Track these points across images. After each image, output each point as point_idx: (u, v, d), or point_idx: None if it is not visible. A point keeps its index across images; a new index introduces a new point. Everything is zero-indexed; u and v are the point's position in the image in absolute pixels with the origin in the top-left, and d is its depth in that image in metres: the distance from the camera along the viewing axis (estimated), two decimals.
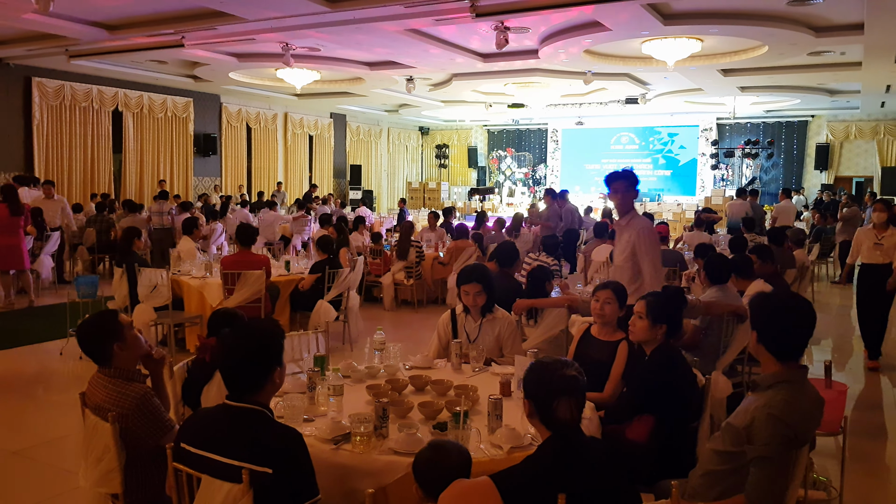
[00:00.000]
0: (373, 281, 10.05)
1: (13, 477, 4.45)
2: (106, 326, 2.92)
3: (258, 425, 2.33)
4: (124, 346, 2.91)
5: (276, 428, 2.37)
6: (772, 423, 2.42)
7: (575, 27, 10.69)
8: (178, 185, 17.17)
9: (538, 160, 24.78)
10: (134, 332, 3.00)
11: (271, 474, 2.20)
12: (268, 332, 2.45)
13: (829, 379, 3.91)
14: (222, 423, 2.35)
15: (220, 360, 2.48)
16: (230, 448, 2.27)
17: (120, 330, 2.92)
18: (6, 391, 6.10)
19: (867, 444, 5.21)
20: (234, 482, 2.21)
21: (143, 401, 2.82)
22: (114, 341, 2.89)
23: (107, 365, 2.90)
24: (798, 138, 21.21)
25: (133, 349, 2.96)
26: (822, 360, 5.78)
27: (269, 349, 2.42)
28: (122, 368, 2.91)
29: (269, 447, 2.25)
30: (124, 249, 7.25)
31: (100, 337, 2.91)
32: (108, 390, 2.85)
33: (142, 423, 2.80)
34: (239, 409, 2.36)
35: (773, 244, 8.59)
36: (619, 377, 3.73)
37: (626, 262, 4.72)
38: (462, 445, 2.42)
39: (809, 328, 2.57)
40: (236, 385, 2.38)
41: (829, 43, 11.15)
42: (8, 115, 13.74)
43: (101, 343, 2.90)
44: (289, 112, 20.42)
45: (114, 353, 2.89)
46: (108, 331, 2.91)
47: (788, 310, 2.58)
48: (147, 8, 9.89)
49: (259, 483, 2.19)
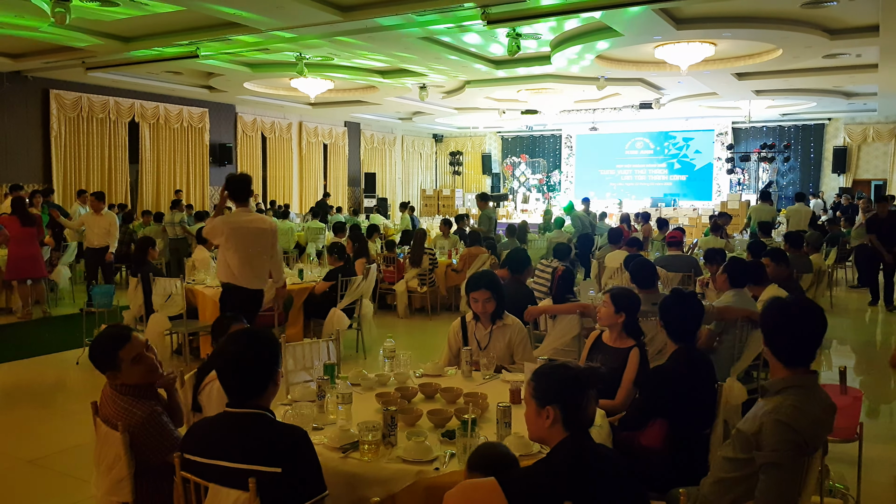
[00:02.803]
0: (386, 288, 10.06)
1: (29, 485, 4.49)
2: (115, 342, 2.90)
3: (263, 428, 2.37)
4: (134, 363, 2.89)
5: (281, 428, 2.41)
6: (780, 429, 2.38)
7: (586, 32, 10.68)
8: (194, 194, 17.30)
9: (552, 166, 24.72)
10: (145, 352, 2.95)
11: (281, 473, 2.23)
12: (265, 338, 2.49)
13: (844, 385, 3.85)
14: (227, 430, 2.37)
15: (220, 369, 2.49)
16: (238, 453, 2.29)
17: (127, 347, 2.90)
18: (23, 400, 6.16)
19: (885, 450, 5.13)
20: (243, 489, 2.21)
21: (149, 419, 2.82)
22: (122, 359, 2.87)
23: (116, 380, 2.90)
24: (815, 141, 21.01)
25: (143, 368, 2.93)
26: (839, 366, 5.70)
27: (269, 354, 2.45)
28: (133, 385, 2.90)
29: (277, 447, 2.29)
30: (139, 259, 7.30)
31: (108, 352, 2.89)
32: (118, 406, 2.86)
33: (148, 441, 2.81)
34: (242, 414, 2.38)
35: (790, 248, 8.54)
36: (630, 384, 3.70)
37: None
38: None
39: (817, 334, 2.53)
40: (239, 391, 2.40)
41: (845, 45, 11.04)
42: (26, 126, 13.92)
43: (109, 358, 2.89)
44: (303, 121, 20.53)
45: (122, 370, 2.88)
46: (116, 346, 2.89)
47: (795, 315, 2.54)
48: (162, 19, 10.00)
49: (270, 484, 2.22)
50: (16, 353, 7.59)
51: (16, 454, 4.92)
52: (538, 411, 2.27)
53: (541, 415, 2.26)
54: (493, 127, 24.83)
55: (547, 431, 2.26)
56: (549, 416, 2.24)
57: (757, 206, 13.76)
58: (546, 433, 2.27)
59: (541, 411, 2.27)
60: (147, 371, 2.95)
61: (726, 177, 21.41)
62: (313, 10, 8.73)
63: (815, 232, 11.21)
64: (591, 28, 10.46)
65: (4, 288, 9.72)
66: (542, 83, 14.72)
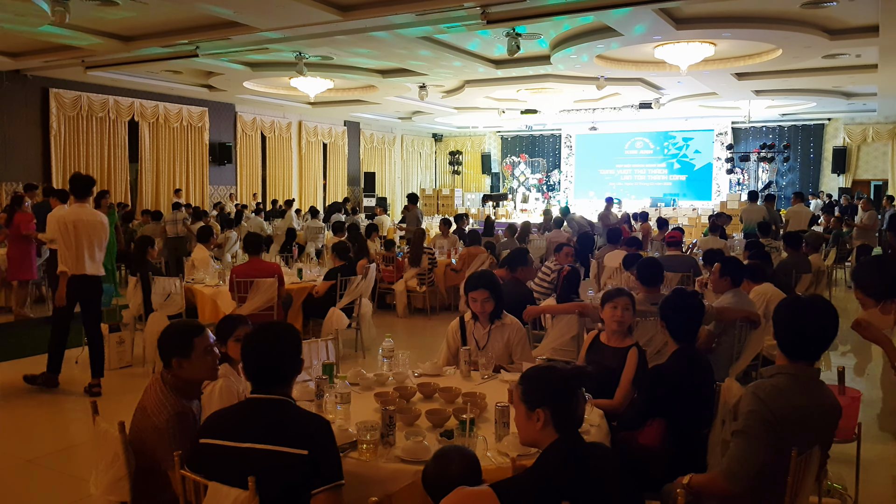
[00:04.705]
0: (385, 288, 10.06)
1: (27, 485, 4.49)
2: (193, 329, 2.95)
3: (289, 412, 2.47)
4: (205, 353, 2.93)
5: (305, 413, 2.53)
6: (752, 400, 2.49)
7: (587, 32, 10.69)
8: (193, 194, 17.31)
9: (552, 166, 24.73)
10: (206, 355, 2.95)
11: (306, 455, 2.32)
12: (290, 329, 2.63)
13: (843, 385, 3.86)
14: (253, 414, 2.46)
15: (248, 359, 2.54)
16: (264, 435, 2.37)
17: (204, 335, 2.95)
18: (21, 400, 6.15)
19: (884, 450, 5.14)
20: (266, 469, 2.30)
21: (175, 421, 2.76)
22: (196, 346, 2.90)
23: (179, 369, 2.89)
24: (814, 142, 21.03)
25: (211, 360, 2.97)
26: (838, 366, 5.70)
27: (296, 344, 2.59)
28: (185, 380, 2.91)
29: (303, 430, 2.38)
30: (138, 258, 7.30)
31: (185, 336, 2.91)
32: (157, 397, 2.84)
33: (164, 444, 2.73)
34: (268, 399, 2.47)
35: (789, 248, 8.54)
36: (629, 383, 3.70)
37: None
38: (467, 450, 2.42)
39: (825, 333, 2.57)
40: (267, 380, 2.50)
41: (844, 45, 11.05)
42: (26, 125, 13.92)
43: (184, 343, 2.90)
44: (303, 120, 20.53)
45: (191, 359, 2.89)
46: (194, 333, 2.93)
47: (804, 311, 2.58)
48: (161, 18, 10.00)
49: (294, 466, 2.31)
50: (15, 352, 7.58)
51: (15, 453, 4.92)
52: (528, 414, 2.29)
53: (531, 418, 2.28)
54: (492, 126, 24.84)
55: (538, 434, 2.27)
56: (540, 419, 2.25)
57: (745, 206, 13.80)
58: (537, 436, 2.28)
59: (531, 414, 2.28)
60: (212, 366, 3.00)
61: (726, 177, 21.43)
62: (313, 9, 8.73)
63: (814, 232, 11.22)
64: (590, 28, 10.47)
65: (3, 287, 9.71)
66: (541, 83, 14.72)
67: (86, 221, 6.06)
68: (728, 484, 2.50)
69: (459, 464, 2.29)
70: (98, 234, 6.13)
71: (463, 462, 2.30)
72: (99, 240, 6.14)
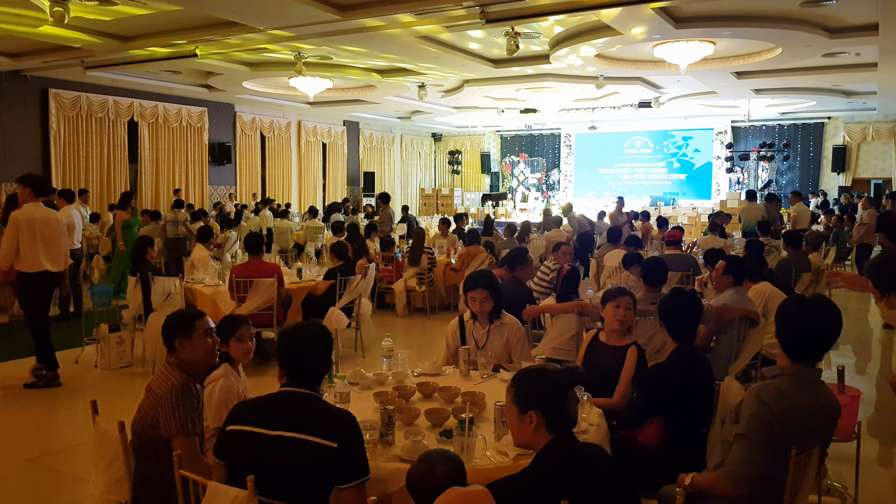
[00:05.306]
0: (385, 287, 10.06)
1: (28, 484, 4.49)
2: (194, 314, 3.18)
3: (320, 406, 2.54)
4: (205, 335, 3.11)
5: (336, 408, 2.62)
6: (754, 402, 2.48)
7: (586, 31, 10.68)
8: (193, 194, 17.29)
9: (551, 165, 24.73)
10: (206, 336, 3.13)
11: (336, 448, 2.36)
12: (323, 330, 2.71)
13: (843, 384, 3.85)
14: (285, 405, 2.52)
15: (285, 355, 2.60)
16: (296, 425, 2.42)
17: (203, 320, 3.15)
18: (22, 399, 6.15)
19: (884, 449, 5.15)
20: (295, 458, 2.38)
21: (179, 388, 2.93)
22: (196, 327, 3.09)
23: (181, 351, 3.07)
24: (814, 140, 21.02)
25: (210, 343, 3.14)
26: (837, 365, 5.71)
27: (327, 345, 2.68)
28: (189, 361, 3.07)
29: (334, 424, 2.44)
30: (138, 258, 7.30)
31: (187, 319, 3.13)
32: (163, 375, 3.02)
33: (165, 410, 2.88)
34: (301, 393, 2.54)
35: (788, 247, 8.54)
36: (628, 382, 3.71)
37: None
38: (451, 453, 2.41)
39: (827, 334, 2.57)
40: (304, 375, 2.57)
41: (844, 44, 11.04)
42: (25, 126, 13.90)
43: (185, 325, 3.10)
44: (302, 120, 20.53)
45: (192, 339, 3.08)
46: (195, 317, 3.15)
47: (807, 312, 2.58)
48: (160, 19, 9.99)
49: (324, 458, 2.36)
50: (15, 352, 7.58)
51: (14, 453, 4.92)
52: (521, 417, 2.29)
53: (524, 420, 2.28)
54: (492, 126, 24.84)
55: (532, 436, 2.28)
56: (532, 421, 2.26)
57: (744, 205, 13.80)
58: (531, 437, 2.28)
59: (523, 417, 2.28)
60: (211, 349, 3.16)
61: (726, 176, 21.42)
62: (313, 9, 8.73)
63: (814, 231, 11.22)
64: (590, 27, 10.46)
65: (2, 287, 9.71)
66: (541, 82, 14.72)
67: (40, 220, 6.26)
68: (731, 487, 2.50)
69: (443, 468, 2.27)
70: (53, 232, 6.34)
71: (446, 466, 2.29)
72: (55, 236, 6.35)
